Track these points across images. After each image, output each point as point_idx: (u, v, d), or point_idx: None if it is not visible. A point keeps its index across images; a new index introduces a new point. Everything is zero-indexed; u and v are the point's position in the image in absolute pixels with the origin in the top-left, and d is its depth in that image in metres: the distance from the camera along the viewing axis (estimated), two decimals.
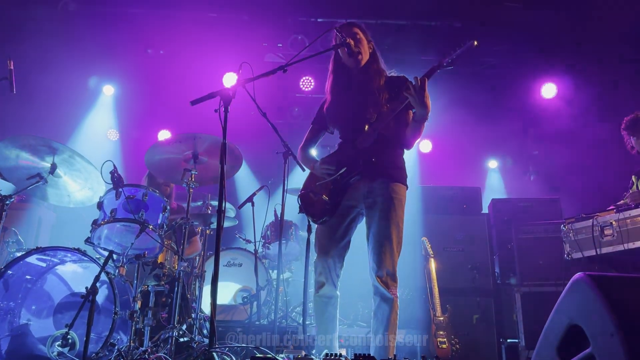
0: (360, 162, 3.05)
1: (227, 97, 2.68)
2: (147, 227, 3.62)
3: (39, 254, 3.60)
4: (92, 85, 7.61)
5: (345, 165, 3.07)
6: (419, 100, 2.93)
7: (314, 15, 6.62)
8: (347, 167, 3.06)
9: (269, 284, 5.34)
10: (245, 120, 6.75)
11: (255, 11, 6.51)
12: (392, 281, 2.97)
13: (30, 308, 3.68)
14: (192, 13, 6.68)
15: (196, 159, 3.96)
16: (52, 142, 3.61)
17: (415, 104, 2.96)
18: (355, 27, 3.27)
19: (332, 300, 3.15)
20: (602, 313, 1.60)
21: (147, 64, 7.34)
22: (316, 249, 3.20)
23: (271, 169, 6.33)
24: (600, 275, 1.74)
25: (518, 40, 6.83)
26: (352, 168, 3.05)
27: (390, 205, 3.03)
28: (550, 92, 7.31)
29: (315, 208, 3.13)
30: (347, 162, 3.08)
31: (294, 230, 5.79)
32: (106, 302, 3.66)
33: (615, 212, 3.86)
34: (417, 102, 2.94)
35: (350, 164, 3.07)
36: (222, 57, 7.10)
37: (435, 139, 7.91)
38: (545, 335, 1.94)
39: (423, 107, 2.95)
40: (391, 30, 6.62)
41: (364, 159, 3.05)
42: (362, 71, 3.25)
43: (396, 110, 3.03)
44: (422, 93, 2.91)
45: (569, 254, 4.13)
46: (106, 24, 6.76)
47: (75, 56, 6.87)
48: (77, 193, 3.94)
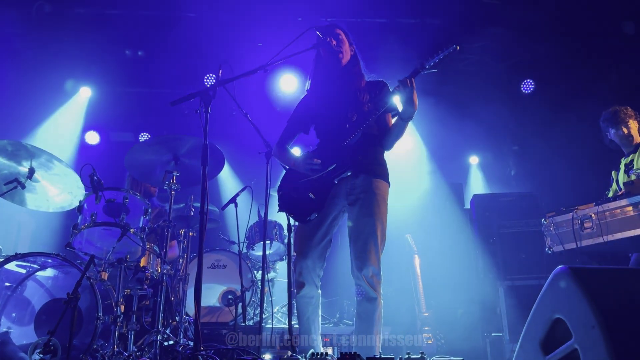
0: (348, 159, 3.05)
1: (207, 97, 2.67)
2: (128, 231, 3.58)
3: (18, 260, 3.54)
4: (70, 88, 7.48)
5: (335, 162, 3.07)
6: (409, 99, 2.97)
7: (295, 14, 6.60)
8: (336, 163, 3.06)
9: (254, 284, 5.32)
10: (226, 121, 6.73)
11: (235, 10, 6.47)
12: (377, 279, 2.97)
13: (10, 315, 3.61)
14: (170, 13, 6.61)
15: (177, 160, 3.93)
16: (29, 146, 3.55)
17: (404, 103, 3.00)
18: (337, 28, 3.30)
19: (313, 300, 3.14)
20: (583, 305, 1.62)
21: (125, 65, 7.25)
22: (295, 248, 3.17)
23: (254, 169, 6.31)
24: (581, 268, 1.76)
25: (496, 36, 6.90)
26: (341, 164, 3.05)
27: (374, 202, 3.04)
28: (528, 87, 7.40)
29: (300, 207, 3.12)
30: (336, 159, 3.08)
31: (277, 230, 5.78)
32: (88, 307, 3.61)
33: (594, 205, 3.92)
34: (406, 100, 2.98)
35: (339, 160, 3.06)
36: (202, 58, 7.05)
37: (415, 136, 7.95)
38: (528, 328, 1.96)
39: (412, 105, 3.00)
40: (371, 28, 6.64)
41: (350, 156, 3.05)
42: (343, 71, 3.27)
43: (379, 110, 3.05)
44: (411, 91, 2.96)
45: (550, 248, 4.18)
46: (83, 25, 6.65)
47: (51, 58, 6.77)
48: (56, 197, 3.87)
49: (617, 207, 3.77)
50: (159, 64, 7.18)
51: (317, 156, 3.17)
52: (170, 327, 4.04)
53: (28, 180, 3.65)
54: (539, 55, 7.09)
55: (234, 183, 7.83)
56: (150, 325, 3.88)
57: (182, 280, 4.48)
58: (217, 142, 3.98)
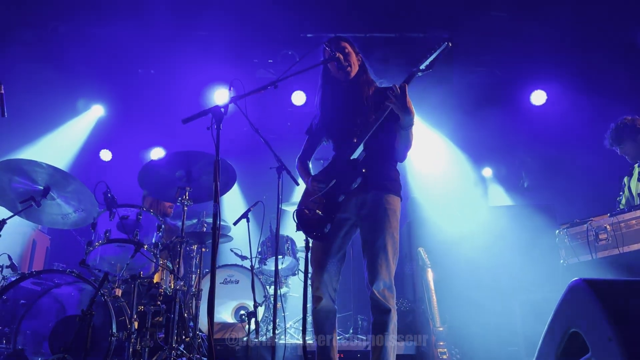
0: (350, 173, 3.05)
1: (218, 114, 2.69)
2: (142, 247, 3.60)
3: (33, 278, 3.58)
4: (83, 106, 7.61)
5: (335, 178, 3.08)
6: (401, 106, 2.92)
7: (304, 31, 6.67)
8: (336, 179, 3.07)
9: (266, 299, 5.31)
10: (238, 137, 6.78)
11: (245, 28, 6.55)
12: (389, 293, 2.96)
13: (25, 333, 3.64)
14: (182, 31, 6.71)
15: (190, 177, 3.96)
16: (44, 165, 3.60)
17: (398, 111, 2.95)
18: (343, 41, 3.31)
19: (330, 314, 3.14)
20: (600, 318, 1.60)
21: (138, 83, 7.37)
22: (312, 264, 3.19)
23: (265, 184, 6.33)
24: (597, 280, 1.74)
25: (505, 49, 6.91)
26: (342, 180, 3.06)
27: (384, 217, 3.03)
28: (540, 99, 7.38)
29: (311, 224, 3.13)
30: (337, 175, 3.09)
31: (290, 245, 5.78)
32: (102, 324, 3.63)
33: (609, 216, 3.88)
34: (400, 108, 2.93)
35: (341, 176, 3.07)
36: (213, 75, 7.14)
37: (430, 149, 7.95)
38: (544, 342, 1.93)
39: (407, 112, 2.94)
40: (379, 43, 6.68)
41: (353, 170, 3.05)
42: (351, 83, 3.28)
43: (379, 119, 3.03)
44: (403, 99, 2.90)
45: (564, 260, 4.13)
46: (96, 45, 6.78)
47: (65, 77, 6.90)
48: (70, 215, 3.92)
49: (633, 218, 3.72)
50: (171, 82, 7.29)
51: (327, 171, 3.19)
52: (184, 344, 4.04)
53: (43, 199, 3.70)
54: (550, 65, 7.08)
55: (246, 198, 7.85)
56: (164, 342, 3.88)
57: (195, 296, 4.49)
58: (229, 158, 4.01)
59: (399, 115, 2.98)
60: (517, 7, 6.36)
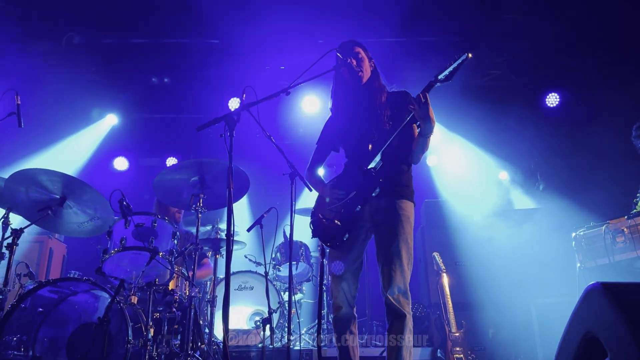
0: (369, 184, 3.04)
1: (231, 121, 2.71)
2: (157, 255, 3.63)
3: (51, 286, 3.61)
4: (99, 115, 7.70)
5: (355, 189, 3.08)
6: (424, 115, 2.92)
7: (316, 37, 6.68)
8: (356, 191, 3.07)
9: (281, 306, 5.31)
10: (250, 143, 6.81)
11: (257, 35, 6.58)
12: (404, 299, 2.95)
13: (43, 341, 3.68)
14: (194, 40, 6.78)
15: (203, 183, 3.98)
16: (60, 174, 3.65)
17: (420, 119, 2.95)
18: (356, 45, 3.31)
19: (350, 321, 3.15)
20: (618, 322, 1.58)
21: (152, 92, 7.45)
22: (330, 273, 3.20)
23: (279, 190, 6.35)
24: (614, 284, 1.72)
25: (519, 51, 6.86)
26: (362, 191, 3.05)
27: (398, 223, 3.02)
28: (553, 101, 7.32)
29: (328, 233, 3.14)
30: (355, 185, 3.09)
31: (303, 251, 5.77)
32: (119, 331, 3.65)
33: (626, 219, 3.83)
34: (422, 116, 2.93)
35: (359, 186, 3.07)
36: (226, 82, 7.19)
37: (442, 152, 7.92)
38: (561, 347, 1.91)
39: (428, 121, 2.94)
40: (391, 47, 6.67)
41: (372, 181, 3.04)
42: (364, 89, 3.27)
43: (397, 129, 3.03)
44: (426, 108, 2.91)
45: (581, 263, 4.08)
46: (110, 54, 6.87)
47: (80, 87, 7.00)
48: (87, 223, 3.96)
49: None
50: (185, 90, 7.36)
51: (342, 180, 3.19)
52: (199, 350, 4.05)
53: (60, 208, 3.74)
54: (563, 68, 7.02)
55: (259, 204, 7.87)
56: (180, 349, 3.90)
57: (210, 303, 4.50)
58: (242, 165, 4.03)
59: (421, 123, 2.98)
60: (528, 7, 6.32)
